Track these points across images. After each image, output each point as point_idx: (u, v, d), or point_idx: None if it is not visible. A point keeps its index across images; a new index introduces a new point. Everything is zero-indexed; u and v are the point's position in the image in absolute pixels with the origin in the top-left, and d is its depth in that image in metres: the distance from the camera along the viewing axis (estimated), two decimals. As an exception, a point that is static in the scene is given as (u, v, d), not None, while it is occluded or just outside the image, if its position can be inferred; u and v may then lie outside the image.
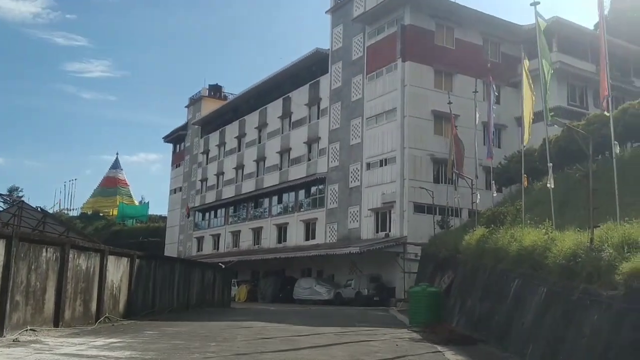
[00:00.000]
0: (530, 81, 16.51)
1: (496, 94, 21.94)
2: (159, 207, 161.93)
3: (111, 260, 14.66)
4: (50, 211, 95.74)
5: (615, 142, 11.22)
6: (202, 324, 16.08)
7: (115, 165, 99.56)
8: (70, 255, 12.80)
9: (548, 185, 13.32)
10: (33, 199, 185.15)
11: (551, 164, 13.45)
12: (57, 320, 12.34)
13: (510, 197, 24.16)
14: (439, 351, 10.93)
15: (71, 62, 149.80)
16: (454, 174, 25.71)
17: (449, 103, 27.55)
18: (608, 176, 12.58)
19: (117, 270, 15.09)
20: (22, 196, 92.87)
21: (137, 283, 16.19)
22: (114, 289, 14.98)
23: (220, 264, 26.98)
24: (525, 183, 15.77)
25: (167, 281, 18.67)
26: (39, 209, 27.40)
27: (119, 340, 11.00)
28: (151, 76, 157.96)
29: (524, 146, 15.65)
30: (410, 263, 31.25)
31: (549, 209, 17.82)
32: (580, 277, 9.35)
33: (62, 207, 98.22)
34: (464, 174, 24.10)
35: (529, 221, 14.70)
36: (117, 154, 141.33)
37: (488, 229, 16.45)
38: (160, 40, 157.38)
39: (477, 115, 23.48)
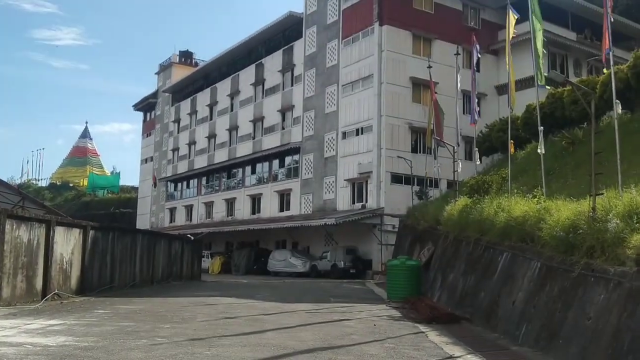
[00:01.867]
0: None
1: (479, 55, 20.66)
2: (131, 177, 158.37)
3: (59, 232, 13.23)
4: (18, 181, 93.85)
5: (617, 101, 10.09)
6: (163, 300, 14.85)
7: (85, 134, 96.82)
8: (7, 226, 11.38)
9: (539, 150, 12.25)
10: (0, 169, 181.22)
11: (542, 128, 12.35)
12: (-8, 299, 10.99)
13: (492, 167, 23.17)
14: (422, 331, 9.87)
15: (40, 29, 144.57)
16: (433, 142, 24.60)
17: (429, 67, 26.38)
18: (600, 144, 11.57)
19: (67, 243, 13.68)
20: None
21: (91, 256, 14.82)
22: (64, 263, 13.59)
23: (189, 235, 25.69)
24: (512, 149, 14.67)
25: (128, 254, 17.32)
26: (-8, 177, 25.70)
27: (60, 322, 9.71)
28: (124, 44, 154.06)
29: (511, 109, 14.45)
30: (387, 235, 30.35)
31: (534, 178, 16.86)
32: (581, 251, 8.31)
33: (29, 178, 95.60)
34: (442, 145, 22.98)
35: (515, 190, 13.69)
36: (87, 123, 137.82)
37: (471, 199, 15.43)
38: (132, 6, 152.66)
39: (459, 79, 22.26)
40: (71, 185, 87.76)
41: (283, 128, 41.21)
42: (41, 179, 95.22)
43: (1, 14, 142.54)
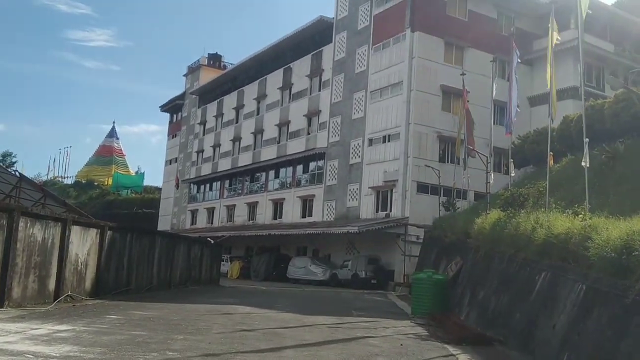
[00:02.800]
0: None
1: (519, 60, 19.82)
2: (156, 178, 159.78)
3: (76, 232, 12.78)
4: (45, 178, 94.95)
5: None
6: (179, 306, 14.29)
7: (112, 134, 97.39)
8: (21, 224, 10.93)
9: (583, 163, 11.39)
10: (28, 166, 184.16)
11: (587, 140, 11.49)
12: (0, 299, 10.53)
13: (524, 180, 22.22)
14: (452, 354, 9.15)
15: (74, 30, 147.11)
16: (463, 152, 23.77)
17: (462, 74, 25.54)
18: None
19: (84, 243, 13.23)
20: (15, 162, 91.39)
21: (108, 258, 14.35)
22: (79, 264, 13.14)
23: (209, 238, 25.22)
24: (551, 162, 13.83)
25: (146, 256, 16.84)
26: (16, 172, 25.59)
27: (68, 327, 9.18)
28: (155, 46, 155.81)
29: (552, 119, 13.62)
30: (411, 246, 29.50)
31: (571, 193, 15.96)
32: (635, 274, 7.55)
33: (56, 175, 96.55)
34: (473, 155, 22.13)
35: (553, 205, 12.89)
36: (114, 122, 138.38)
37: (505, 212, 14.63)
38: (164, 10, 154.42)
39: (495, 87, 21.43)
40: (96, 183, 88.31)
41: (309, 133, 40.67)
42: (67, 177, 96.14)
43: (38, 14, 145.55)
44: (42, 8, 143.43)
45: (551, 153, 13.82)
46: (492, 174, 18.80)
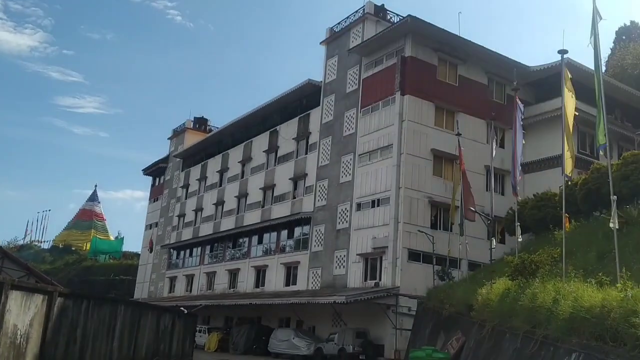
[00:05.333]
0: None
1: (522, 118, 18.73)
2: (137, 244, 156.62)
3: (15, 298, 10.83)
4: (21, 242, 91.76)
5: None
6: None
7: (93, 197, 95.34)
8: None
9: (611, 225, 9.96)
10: (6, 229, 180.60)
11: (615, 197, 10.10)
12: None
13: (527, 247, 20.72)
14: None
15: (64, 96, 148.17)
16: (460, 217, 22.32)
17: (458, 134, 24.51)
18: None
19: (25, 312, 11.24)
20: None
21: (56, 330, 12.32)
22: (18, 337, 11.11)
23: (182, 308, 23.08)
24: (567, 225, 12.36)
25: (105, 328, 14.74)
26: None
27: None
28: (144, 114, 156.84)
29: (567, 177, 12.28)
30: (402, 318, 27.54)
31: (584, 261, 14.43)
32: None
33: (32, 239, 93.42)
34: (472, 217, 20.67)
35: (572, 273, 11.34)
36: (96, 186, 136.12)
37: (514, 281, 13.03)
38: (154, 78, 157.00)
39: (494, 148, 20.33)
40: (73, 248, 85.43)
41: (294, 197, 39.19)
42: (44, 241, 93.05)
43: (29, 80, 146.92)
44: (33, 75, 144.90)
45: (567, 215, 12.39)
46: (494, 239, 17.23)
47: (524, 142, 17.62)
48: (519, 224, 17.29)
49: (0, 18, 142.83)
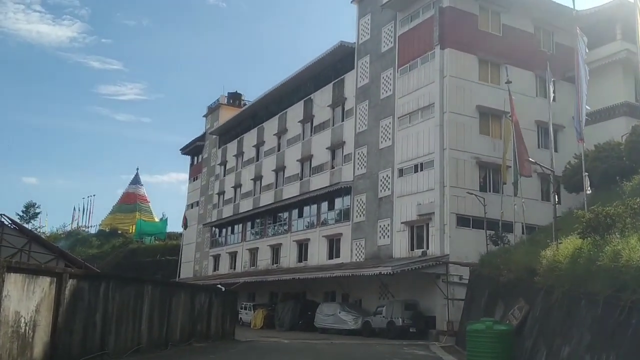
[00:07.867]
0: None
1: (586, 49, 16.53)
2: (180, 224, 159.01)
3: (15, 282, 9.64)
4: (69, 228, 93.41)
5: None
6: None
7: (135, 180, 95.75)
8: None
9: None
10: (54, 216, 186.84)
11: None
12: None
13: (582, 206, 18.56)
14: None
15: (106, 85, 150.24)
16: (514, 175, 20.27)
17: (508, 82, 22.29)
18: None
19: (29, 297, 10.08)
20: (39, 212, 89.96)
21: (70, 315, 11.17)
22: (22, 325, 9.97)
23: (219, 285, 21.94)
24: None
25: (131, 310, 13.62)
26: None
27: None
28: (183, 97, 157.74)
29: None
30: (454, 287, 25.81)
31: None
32: None
33: (79, 225, 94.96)
34: (529, 172, 18.60)
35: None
36: (137, 169, 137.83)
37: (586, 239, 11.16)
38: (191, 61, 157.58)
39: (552, 94, 18.08)
40: (119, 232, 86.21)
41: (333, 167, 37.57)
42: (91, 226, 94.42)
43: (71, 71, 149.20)
44: (75, 65, 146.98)
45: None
46: (555, 195, 15.22)
47: (588, 78, 15.38)
48: (586, 174, 15.22)
49: (39, 11, 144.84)
